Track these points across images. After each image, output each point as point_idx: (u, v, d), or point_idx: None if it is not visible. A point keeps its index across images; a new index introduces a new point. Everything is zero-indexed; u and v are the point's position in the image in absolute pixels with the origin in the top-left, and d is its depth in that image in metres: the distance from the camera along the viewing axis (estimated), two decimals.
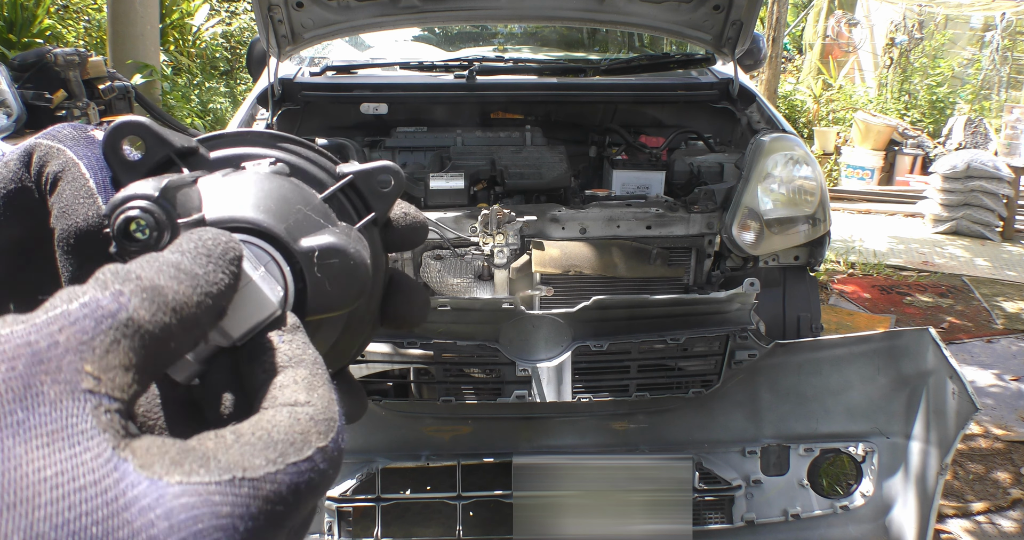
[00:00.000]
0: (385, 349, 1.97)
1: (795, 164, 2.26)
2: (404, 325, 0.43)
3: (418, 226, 0.43)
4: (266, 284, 0.33)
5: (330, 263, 0.35)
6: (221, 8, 10.56)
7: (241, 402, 0.32)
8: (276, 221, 0.35)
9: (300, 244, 0.35)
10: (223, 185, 0.36)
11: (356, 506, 1.90)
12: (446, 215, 2.22)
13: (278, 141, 0.40)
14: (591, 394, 1.92)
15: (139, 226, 0.32)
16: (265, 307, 0.33)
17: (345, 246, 0.35)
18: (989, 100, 9.67)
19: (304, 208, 0.37)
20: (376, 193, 0.40)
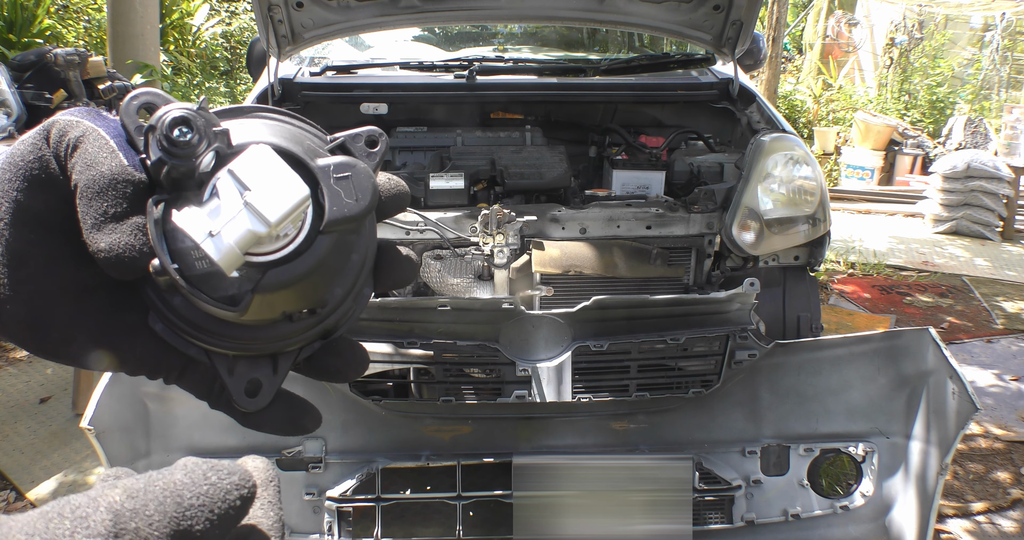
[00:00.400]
0: (385, 349, 1.97)
1: (795, 164, 2.26)
2: (395, 284, 0.47)
3: (402, 191, 0.46)
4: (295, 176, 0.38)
5: (344, 176, 0.40)
6: (221, 8, 10.56)
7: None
8: (293, 145, 0.40)
9: (316, 162, 0.40)
10: (242, 124, 0.41)
11: (356, 506, 1.90)
12: (446, 215, 2.22)
13: (275, 113, 0.44)
14: (591, 394, 1.92)
15: (182, 131, 0.36)
16: (298, 190, 0.37)
17: (356, 162, 0.41)
18: (989, 100, 9.67)
19: (312, 142, 0.42)
20: (364, 154, 0.44)
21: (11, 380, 3.58)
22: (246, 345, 0.43)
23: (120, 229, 0.38)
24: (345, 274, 0.42)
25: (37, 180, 0.39)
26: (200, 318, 0.41)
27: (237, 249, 0.37)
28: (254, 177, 0.37)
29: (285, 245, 0.39)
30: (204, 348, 0.43)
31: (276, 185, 0.37)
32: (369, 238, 0.44)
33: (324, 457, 1.92)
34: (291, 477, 1.91)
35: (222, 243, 0.37)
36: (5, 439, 3.10)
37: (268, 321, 0.41)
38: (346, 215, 0.39)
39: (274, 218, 0.37)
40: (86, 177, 0.38)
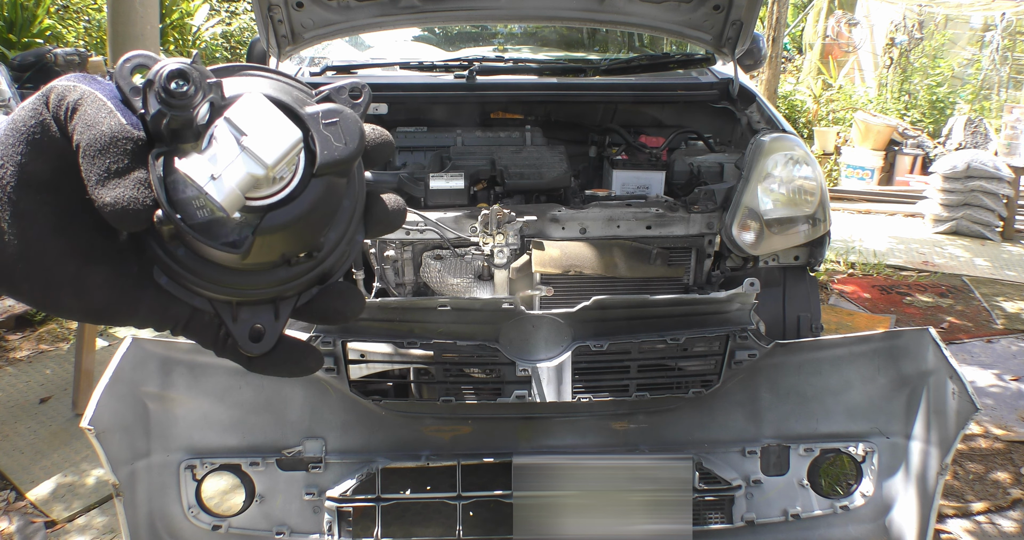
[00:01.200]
0: (385, 349, 1.97)
1: (795, 164, 2.26)
2: (384, 229, 0.49)
3: (386, 140, 0.48)
4: (287, 121, 0.40)
5: (333, 122, 0.42)
6: (221, 8, 10.56)
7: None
8: (283, 95, 0.42)
9: (305, 109, 0.42)
10: (233, 80, 0.43)
11: (356, 506, 1.90)
12: (446, 215, 2.22)
13: (261, 70, 0.46)
14: (591, 394, 1.92)
15: (179, 83, 0.38)
16: (291, 133, 0.40)
17: (342, 108, 0.43)
18: (989, 100, 9.67)
19: (299, 93, 0.44)
20: (349, 104, 0.46)
21: (11, 380, 3.58)
22: (247, 291, 0.45)
23: (123, 184, 0.41)
24: (338, 218, 0.45)
25: (39, 143, 0.42)
26: (202, 267, 0.43)
27: (238, 190, 0.39)
28: (249, 123, 0.39)
29: (282, 188, 0.41)
30: (208, 296, 0.45)
31: (270, 129, 0.39)
32: (358, 185, 0.46)
33: (324, 457, 1.92)
34: (291, 477, 1.91)
35: (223, 186, 0.39)
36: (5, 439, 3.10)
37: (268, 265, 0.44)
38: (336, 158, 0.42)
39: (271, 160, 0.39)
40: (88, 136, 0.41)
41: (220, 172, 0.39)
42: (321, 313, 0.49)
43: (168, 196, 0.40)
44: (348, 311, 0.49)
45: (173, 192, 0.40)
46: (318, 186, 0.42)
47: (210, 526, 1.87)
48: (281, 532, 1.90)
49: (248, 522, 1.90)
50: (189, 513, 1.86)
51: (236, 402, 1.87)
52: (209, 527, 1.87)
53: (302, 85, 0.47)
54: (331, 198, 0.43)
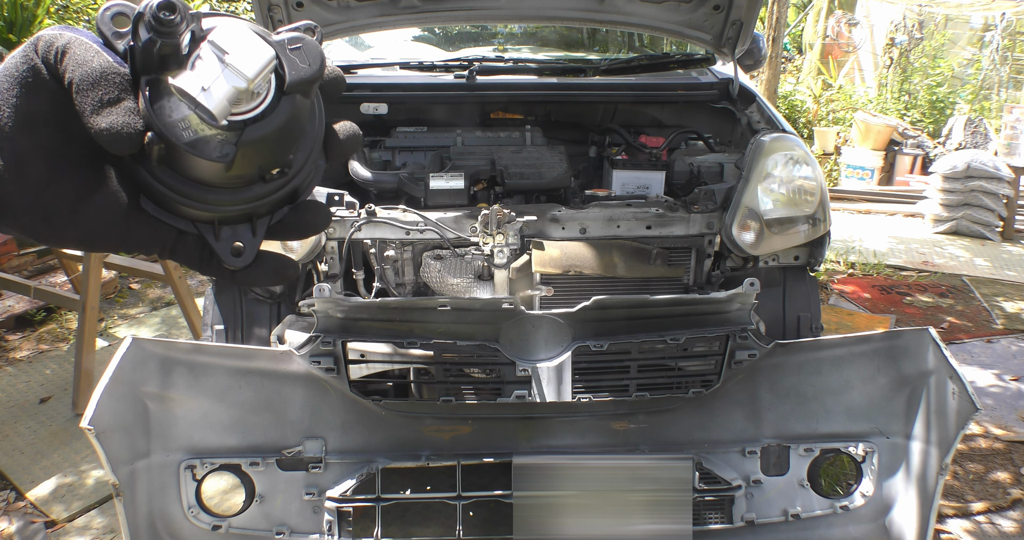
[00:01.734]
0: (385, 349, 1.97)
1: (795, 164, 2.25)
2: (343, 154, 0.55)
3: (339, 74, 0.53)
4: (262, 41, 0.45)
5: (297, 47, 0.48)
6: (221, 8, 10.56)
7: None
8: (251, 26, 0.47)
9: (272, 37, 0.47)
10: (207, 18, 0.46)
11: (356, 506, 1.90)
12: (446, 215, 2.22)
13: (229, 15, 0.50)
14: (591, 394, 1.92)
15: (166, 14, 0.42)
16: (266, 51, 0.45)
17: (303, 36, 0.48)
18: (989, 100, 9.66)
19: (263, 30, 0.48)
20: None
21: (11, 380, 3.58)
22: (227, 207, 0.50)
23: (116, 111, 0.45)
24: (304, 139, 0.51)
25: (32, 86, 0.45)
26: (187, 187, 0.48)
27: (225, 101, 0.44)
28: (229, 43, 0.44)
29: (258, 104, 0.46)
30: (192, 216, 0.51)
31: (248, 48, 0.45)
32: (319, 111, 0.52)
33: (324, 457, 1.92)
34: (291, 477, 1.91)
35: (213, 96, 0.44)
36: (5, 439, 3.10)
37: (246, 179, 0.49)
38: (303, 77, 0.47)
39: (251, 73, 0.44)
40: (80, 73, 0.45)
41: (208, 85, 0.44)
42: (294, 228, 0.54)
43: (158, 119, 0.45)
44: (318, 223, 0.55)
45: (160, 116, 0.45)
46: (288, 103, 0.47)
47: (210, 526, 1.87)
48: (281, 532, 1.90)
49: (248, 522, 1.90)
50: (189, 513, 1.86)
51: (236, 402, 1.87)
52: (209, 527, 1.87)
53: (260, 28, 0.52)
54: (298, 117, 0.48)
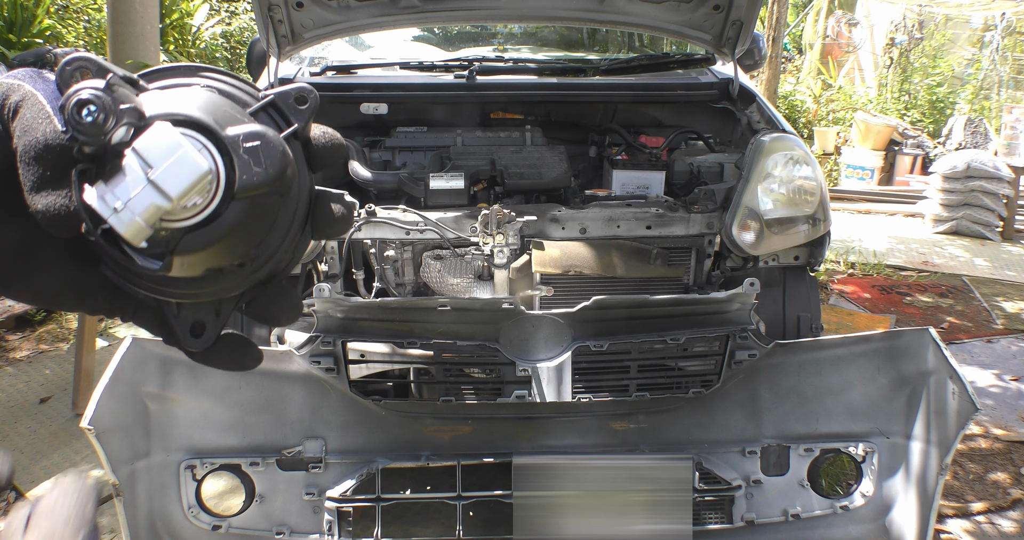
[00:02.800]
0: (385, 349, 1.97)
1: (795, 164, 2.25)
2: (329, 234, 0.50)
3: (336, 143, 0.49)
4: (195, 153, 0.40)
5: (254, 146, 0.42)
6: (221, 8, 10.56)
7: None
8: (205, 115, 0.42)
9: (227, 132, 0.42)
10: (161, 95, 0.43)
11: (356, 506, 1.90)
12: (446, 215, 2.22)
13: (206, 71, 0.46)
14: (591, 394, 1.92)
15: (89, 111, 0.38)
16: (198, 166, 0.40)
17: (265, 131, 0.42)
18: (989, 100, 9.66)
19: (229, 109, 0.44)
20: (294, 110, 0.47)
21: (11, 380, 3.58)
22: (184, 294, 0.46)
23: (55, 192, 0.42)
24: (273, 231, 0.45)
25: None
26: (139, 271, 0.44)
27: (142, 222, 0.40)
28: (157, 154, 0.40)
29: (197, 213, 0.41)
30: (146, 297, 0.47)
31: (178, 162, 0.40)
32: (301, 192, 0.46)
33: (324, 457, 1.91)
34: (291, 477, 1.91)
35: (126, 218, 0.40)
36: (5, 439, 3.10)
37: (199, 276, 0.45)
38: (254, 183, 0.42)
39: (175, 193, 0.39)
40: (24, 142, 0.41)
41: (124, 204, 0.39)
42: (259, 315, 0.50)
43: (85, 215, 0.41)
44: (283, 317, 0.50)
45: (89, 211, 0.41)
46: (239, 207, 0.42)
47: (210, 526, 1.87)
48: (281, 532, 1.90)
49: (248, 522, 1.90)
50: (189, 513, 1.86)
51: (236, 402, 1.87)
52: (209, 527, 1.87)
53: (247, 88, 0.47)
54: (258, 215, 0.43)
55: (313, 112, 0.47)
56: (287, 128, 0.46)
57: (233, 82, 0.47)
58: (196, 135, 0.41)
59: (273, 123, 0.46)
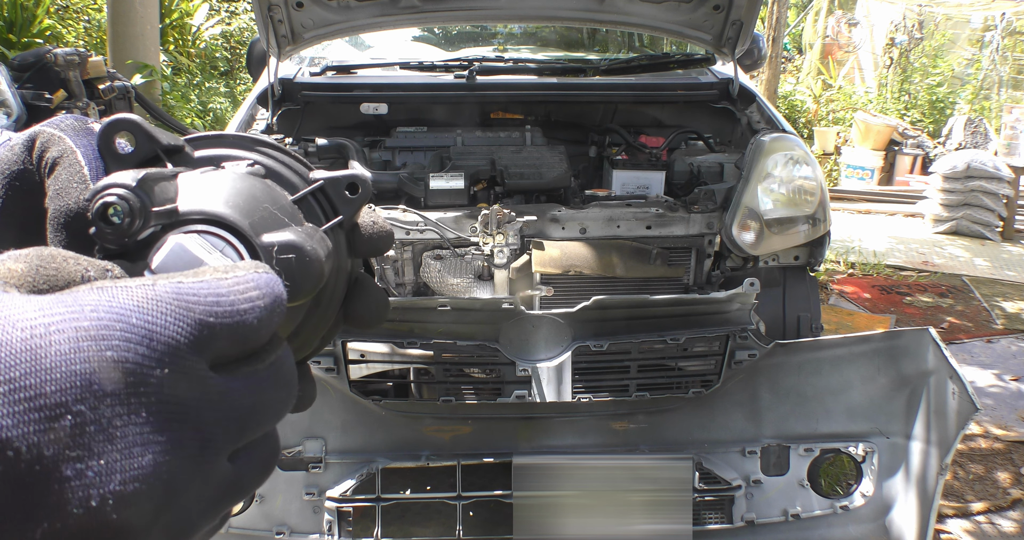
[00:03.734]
0: (385, 349, 1.97)
1: (795, 164, 2.26)
2: (363, 324, 0.46)
3: (384, 234, 0.46)
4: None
5: (288, 258, 0.38)
6: (221, 8, 10.56)
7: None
8: (242, 216, 0.38)
9: (262, 239, 0.38)
10: (199, 181, 0.39)
11: (356, 506, 1.90)
12: (446, 215, 2.22)
13: (257, 144, 0.44)
14: (591, 394, 1.92)
15: (115, 211, 0.35)
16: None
17: (302, 243, 0.38)
18: (989, 100, 9.67)
19: (271, 207, 0.40)
20: (344, 199, 0.43)
21: None
22: None
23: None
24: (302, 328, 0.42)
25: (20, 190, 0.41)
26: None
27: None
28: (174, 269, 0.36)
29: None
30: None
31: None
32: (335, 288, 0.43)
33: (324, 457, 1.92)
34: (291, 477, 1.91)
35: None
36: None
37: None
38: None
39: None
40: (55, 206, 0.40)
41: None
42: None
43: None
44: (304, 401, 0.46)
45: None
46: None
47: None
48: (281, 532, 1.90)
49: (248, 522, 1.90)
50: None
51: None
52: None
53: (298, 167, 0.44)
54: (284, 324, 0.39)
55: (364, 203, 0.44)
56: (332, 216, 0.43)
57: (284, 160, 0.44)
58: (228, 237, 0.37)
59: (319, 209, 0.43)
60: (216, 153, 0.43)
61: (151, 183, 0.36)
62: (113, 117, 0.40)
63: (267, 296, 0.32)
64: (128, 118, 0.40)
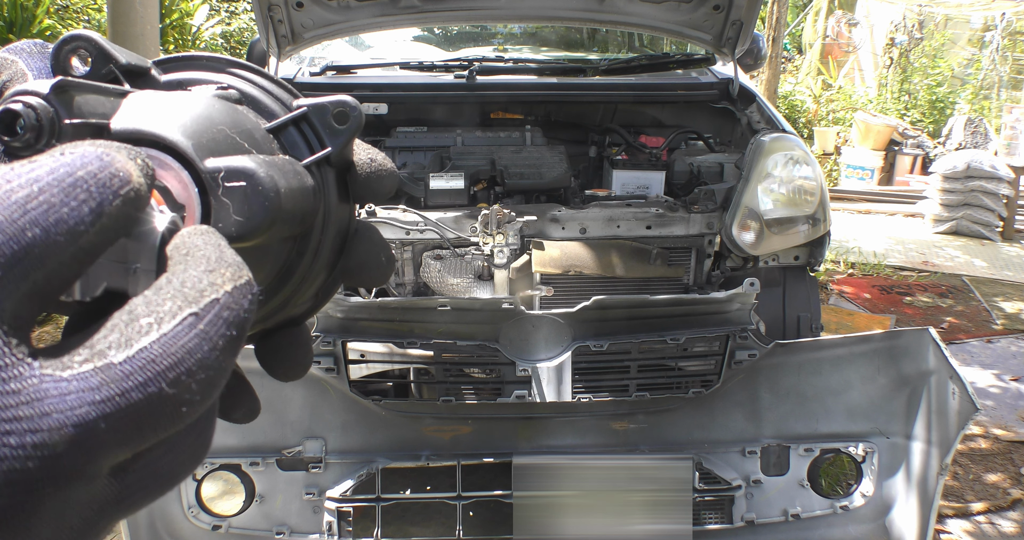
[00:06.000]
0: (385, 349, 1.97)
1: (795, 164, 2.26)
2: (364, 281, 0.41)
3: (384, 174, 0.40)
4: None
5: (236, 186, 0.32)
6: (221, 8, 10.57)
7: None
8: (184, 137, 0.32)
9: (206, 163, 0.32)
10: (148, 100, 0.33)
11: (356, 506, 1.90)
12: (446, 215, 2.22)
13: (235, 67, 0.39)
14: (591, 394, 1.92)
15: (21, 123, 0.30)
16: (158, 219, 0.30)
17: (255, 170, 0.32)
18: (989, 100, 9.67)
19: (229, 130, 0.34)
20: (331, 129, 0.38)
21: None
22: None
23: None
24: (285, 278, 0.37)
25: None
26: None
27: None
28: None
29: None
30: None
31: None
32: (324, 234, 0.38)
33: (324, 457, 1.92)
34: (291, 477, 1.91)
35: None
36: None
37: None
38: (230, 233, 0.31)
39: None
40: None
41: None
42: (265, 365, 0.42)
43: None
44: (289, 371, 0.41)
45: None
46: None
47: (210, 526, 1.87)
48: (281, 532, 1.90)
49: (248, 522, 1.90)
50: (189, 513, 1.86)
51: None
52: (209, 527, 1.87)
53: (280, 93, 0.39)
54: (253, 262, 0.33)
55: (355, 133, 0.38)
56: (319, 150, 0.37)
57: (264, 85, 0.39)
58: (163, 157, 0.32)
59: (303, 142, 0.38)
60: (186, 76, 0.38)
61: (73, 93, 0.31)
62: (68, 33, 0.35)
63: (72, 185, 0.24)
64: (83, 34, 0.35)
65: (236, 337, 0.25)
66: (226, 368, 0.25)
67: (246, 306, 0.26)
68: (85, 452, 0.22)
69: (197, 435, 0.28)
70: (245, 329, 0.26)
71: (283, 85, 0.39)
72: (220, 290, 0.25)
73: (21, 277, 0.23)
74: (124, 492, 0.25)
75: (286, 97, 0.39)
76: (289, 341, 0.40)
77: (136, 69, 0.36)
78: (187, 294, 0.25)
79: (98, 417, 0.22)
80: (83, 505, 0.24)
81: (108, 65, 0.35)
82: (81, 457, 0.22)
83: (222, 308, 0.25)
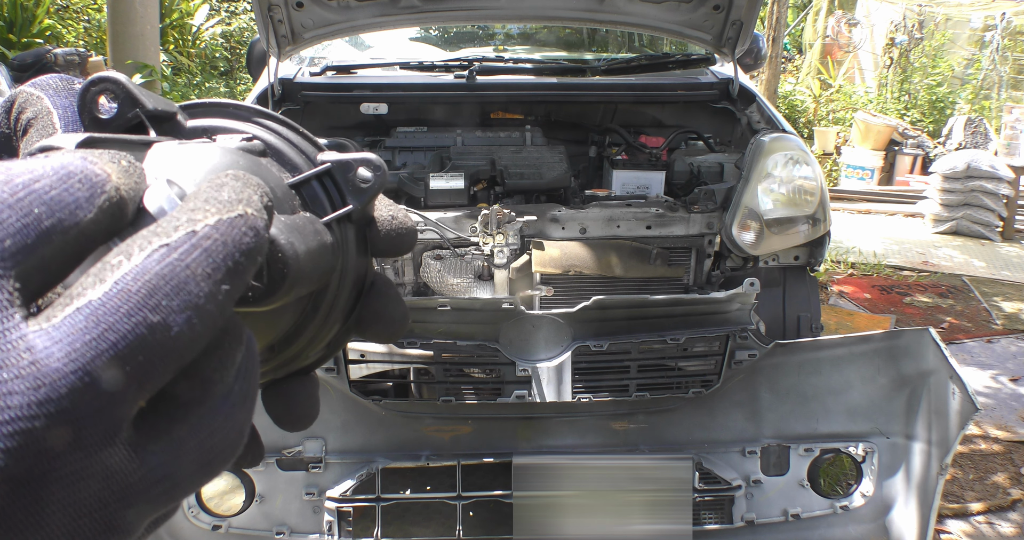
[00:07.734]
0: (385, 349, 1.97)
1: (795, 164, 2.26)
2: (376, 336, 0.40)
3: (404, 232, 0.40)
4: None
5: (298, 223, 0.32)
6: (221, 8, 10.57)
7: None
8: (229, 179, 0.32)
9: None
10: (172, 152, 0.32)
11: (356, 506, 1.90)
12: (446, 215, 2.22)
13: (260, 116, 0.38)
14: (591, 394, 1.92)
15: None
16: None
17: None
18: (989, 100, 9.67)
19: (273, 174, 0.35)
20: (354, 186, 0.37)
21: None
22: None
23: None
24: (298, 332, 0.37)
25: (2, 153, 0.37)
26: None
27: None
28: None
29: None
30: None
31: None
32: (340, 288, 0.37)
33: (324, 457, 1.92)
34: (291, 477, 1.91)
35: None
36: None
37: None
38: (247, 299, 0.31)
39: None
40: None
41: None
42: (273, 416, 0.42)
43: None
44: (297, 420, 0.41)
45: None
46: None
47: (210, 526, 1.87)
48: (281, 532, 1.90)
49: (248, 522, 1.90)
50: (189, 513, 1.86)
51: None
52: (209, 527, 1.87)
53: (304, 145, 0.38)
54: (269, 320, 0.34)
55: (378, 192, 0.37)
56: (340, 207, 0.37)
57: (290, 137, 0.38)
58: None
59: (325, 197, 0.37)
60: (211, 123, 0.37)
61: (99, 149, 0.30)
62: (96, 75, 0.35)
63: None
64: (112, 76, 0.35)
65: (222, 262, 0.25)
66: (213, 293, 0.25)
67: (236, 236, 0.26)
68: (91, 398, 0.22)
69: (226, 418, 0.27)
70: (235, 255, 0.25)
71: (308, 137, 0.39)
72: (199, 224, 0.25)
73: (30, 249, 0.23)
74: (148, 475, 0.24)
75: (311, 150, 0.38)
76: (297, 391, 0.40)
77: (162, 115, 0.35)
78: (159, 231, 0.25)
79: (94, 356, 0.22)
80: (100, 479, 0.23)
81: (135, 109, 0.34)
82: (87, 403, 0.22)
83: (201, 238, 0.25)
